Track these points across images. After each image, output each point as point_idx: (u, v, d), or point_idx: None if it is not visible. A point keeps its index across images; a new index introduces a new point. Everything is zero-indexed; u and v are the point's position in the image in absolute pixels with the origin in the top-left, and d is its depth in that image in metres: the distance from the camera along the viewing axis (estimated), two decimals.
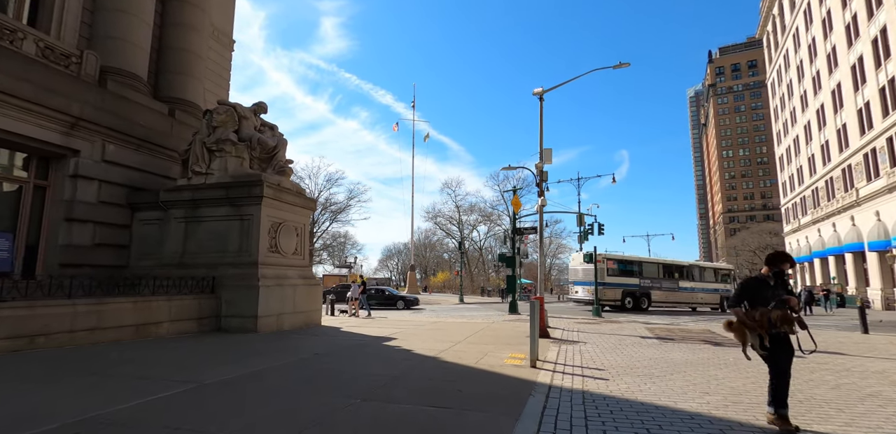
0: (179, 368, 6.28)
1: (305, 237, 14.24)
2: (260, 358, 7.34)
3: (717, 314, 25.89)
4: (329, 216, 59.65)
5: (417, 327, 13.39)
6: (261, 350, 8.33)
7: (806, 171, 50.49)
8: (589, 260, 22.57)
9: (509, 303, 19.88)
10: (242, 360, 7.06)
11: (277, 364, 6.79)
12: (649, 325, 15.65)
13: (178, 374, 5.88)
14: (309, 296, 13.57)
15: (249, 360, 7.18)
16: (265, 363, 6.84)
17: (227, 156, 12.95)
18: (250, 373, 6.08)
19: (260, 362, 6.91)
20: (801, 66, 49.76)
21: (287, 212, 13.31)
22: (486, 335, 11.39)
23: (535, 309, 7.59)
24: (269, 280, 11.87)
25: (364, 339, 10.39)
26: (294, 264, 13.43)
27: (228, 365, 6.63)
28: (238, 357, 7.49)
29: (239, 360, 7.08)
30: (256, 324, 11.20)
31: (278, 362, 6.94)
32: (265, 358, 7.35)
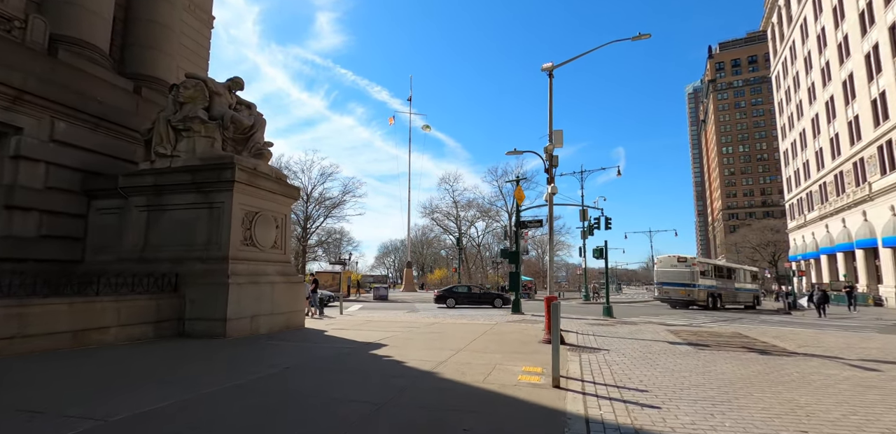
0: (89, 394, 4.75)
1: (287, 229, 12.70)
2: (212, 375, 5.82)
3: (726, 312, 24.57)
4: (323, 211, 58.06)
5: (412, 330, 11.90)
6: (219, 363, 6.81)
7: (813, 166, 49.17)
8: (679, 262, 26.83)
9: (512, 301, 18.43)
10: (187, 380, 5.54)
11: (231, 384, 5.28)
12: (668, 326, 14.20)
13: (82, 403, 4.36)
14: (290, 295, 12.05)
15: (198, 378, 5.66)
16: (216, 383, 5.33)
17: (195, 136, 11.38)
18: (186, 401, 4.56)
19: (210, 382, 5.39)
20: (809, 57, 48.35)
21: (264, 200, 11.76)
22: (490, 340, 9.91)
23: (556, 314, 6.08)
24: (241, 277, 10.34)
25: (349, 345, 8.88)
26: (273, 259, 11.89)
27: (165, 387, 5.11)
28: (185, 374, 5.97)
29: (183, 379, 5.55)
30: (225, 327, 9.68)
31: (233, 382, 5.43)
32: (219, 375, 5.83)
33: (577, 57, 13.42)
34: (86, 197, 11.81)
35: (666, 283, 28.06)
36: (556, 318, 5.96)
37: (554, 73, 12.87)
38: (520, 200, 19.02)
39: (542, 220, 19.17)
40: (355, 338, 10.06)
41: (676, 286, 27.17)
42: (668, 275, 28.31)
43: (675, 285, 27.26)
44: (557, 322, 5.95)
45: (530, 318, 16.87)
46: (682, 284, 26.71)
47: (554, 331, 5.86)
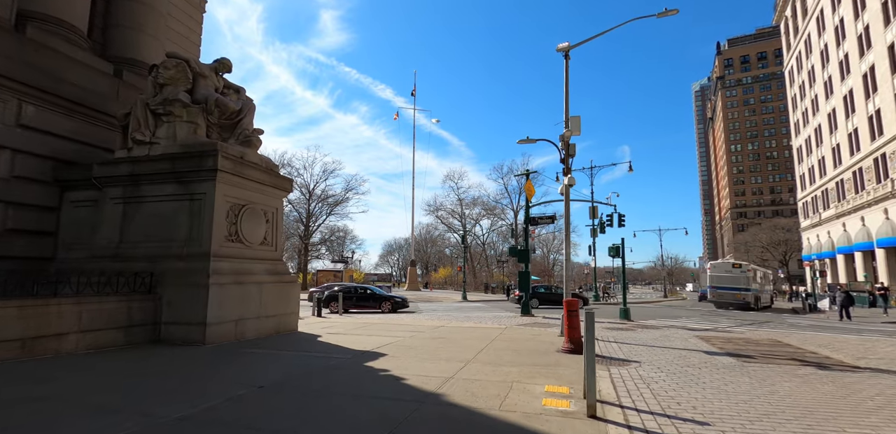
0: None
1: (278, 224, 11.64)
2: (162, 400, 4.74)
3: (734, 314, 23.34)
4: (326, 209, 57.13)
5: (415, 335, 10.82)
6: (181, 380, 5.74)
7: (829, 163, 47.67)
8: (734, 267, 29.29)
9: (521, 303, 17.33)
10: (125, 409, 4.46)
11: (176, 416, 4.19)
12: (694, 331, 13.06)
13: None
14: (281, 296, 11.00)
15: (141, 403, 4.59)
16: (159, 413, 4.25)
17: (176, 121, 10.32)
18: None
19: (151, 411, 4.32)
20: (826, 50, 46.81)
21: (253, 192, 10.70)
22: (502, 348, 8.81)
23: (590, 326, 4.95)
24: (224, 276, 9.28)
25: (342, 355, 7.80)
26: (261, 257, 10.83)
27: (87, 419, 4.04)
28: (130, 397, 4.90)
29: (120, 409, 4.47)
30: (205, 333, 8.62)
31: (182, 411, 4.34)
32: (172, 399, 4.76)
33: (594, 37, 12.27)
34: (58, 188, 10.80)
35: (720, 287, 29.02)
36: (591, 332, 4.83)
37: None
38: (530, 195, 17.89)
39: (553, 216, 18.05)
40: (350, 345, 8.98)
41: (732, 290, 28.59)
42: (723, 279, 29.30)
43: (731, 289, 28.62)
44: (592, 337, 4.82)
45: (542, 320, 15.75)
46: (737, 289, 28.33)
47: (588, 349, 4.73)
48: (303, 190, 56.01)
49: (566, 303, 8.52)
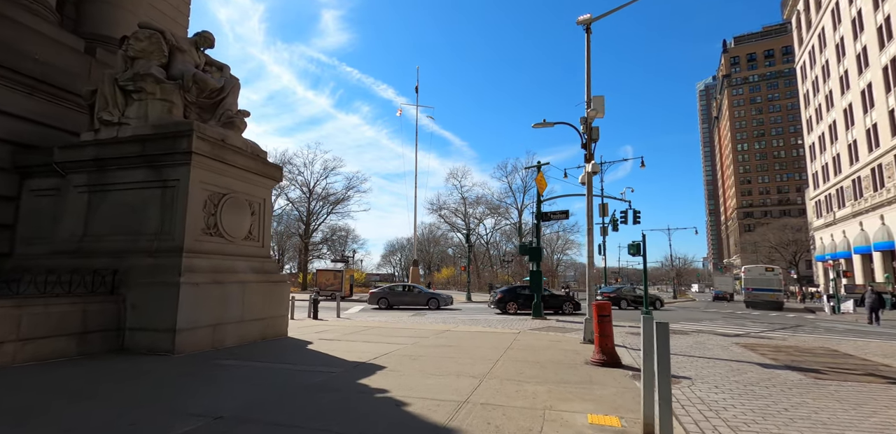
0: None
1: (266, 217, 10.41)
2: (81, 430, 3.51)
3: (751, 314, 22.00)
4: (327, 208, 55.95)
5: (418, 342, 9.57)
6: (120, 405, 4.50)
7: (845, 160, 46.20)
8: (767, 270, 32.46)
9: (533, 305, 16.07)
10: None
11: None
12: (729, 337, 11.78)
13: None
14: (269, 297, 9.77)
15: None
16: None
17: (148, 99, 9.10)
18: None
19: None
20: (842, 43, 45.36)
21: (235, 179, 9.48)
22: (521, 358, 7.56)
23: (664, 344, 3.67)
24: (200, 275, 8.05)
25: (333, 369, 6.56)
26: (245, 253, 9.60)
27: None
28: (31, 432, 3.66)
29: None
30: (174, 340, 7.39)
31: None
32: None
33: (615, 9, 11.00)
34: (18, 175, 9.60)
35: (755, 288, 31.86)
36: (664, 347, 3.55)
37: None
38: (541, 188, 16.63)
39: (567, 212, 16.78)
40: (344, 354, 7.74)
41: (766, 291, 31.54)
42: (757, 282, 32.33)
43: (765, 290, 31.57)
44: (667, 359, 3.55)
45: (556, 324, 14.47)
46: (771, 290, 31.29)
47: (662, 375, 3.46)
48: (303, 188, 54.95)
49: (596, 307, 7.25)
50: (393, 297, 24.78)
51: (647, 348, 4.00)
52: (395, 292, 25.26)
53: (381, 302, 24.55)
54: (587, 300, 9.94)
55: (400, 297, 24.76)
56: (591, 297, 9.92)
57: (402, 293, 24.96)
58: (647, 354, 3.96)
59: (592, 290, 9.97)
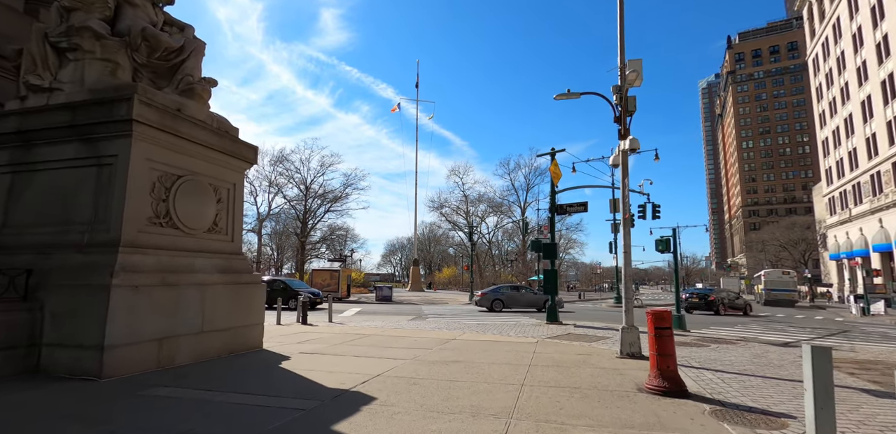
0: None
1: (236, 205, 8.71)
2: None
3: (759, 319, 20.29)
4: (325, 206, 54.22)
5: (419, 356, 7.87)
6: None
7: (862, 154, 44.43)
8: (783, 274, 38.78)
9: (548, 308, 14.35)
10: None
11: None
12: (779, 345, 10.06)
13: None
14: (238, 302, 8.06)
15: None
16: None
17: (86, 58, 7.39)
18: None
19: None
20: (860, 33, 43.57)
21: (196, 159, 7.77)
22: (551, 381, 5.86)
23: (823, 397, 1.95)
24: (143, 275, 6.35)
25: (305, 400, 4.86)
26: (209, 249, 7.89)
27: None
28: None
29: None
30: (101, 360, 5.69)
31: None
32: None
33: None
34: None
35: (775, 289, 36.84)
36: None
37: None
38: (556, 178, 14.91)
39: (585, 204, 15.05)
40: (325, 377, 6.02)
41: (783, 291, 37.09)
42: (776, 283, 37.99)
43: (782, 291, 37.09)
44: None
45: (575, 330, 12.75)
46: (787, 290, 36.97)
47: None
48: (300, 186, 53.21)
49: (653, 315, 5.53)
50: (509, 298, 23.46)
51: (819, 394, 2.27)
52: (510, 294, 24.11)
53: (495, 304, 23.00)
54: (623, 303, 8.21)
55: (516, 299, 23.66)
56: (628, 301, 8.20)
57: (518, 295, 23.96)
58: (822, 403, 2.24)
59: (630, 293, 8.23)
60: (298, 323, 14.68)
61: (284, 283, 24.11)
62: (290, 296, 22.50)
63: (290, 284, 24.37)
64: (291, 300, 22.30)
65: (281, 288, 23.23)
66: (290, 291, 22.95)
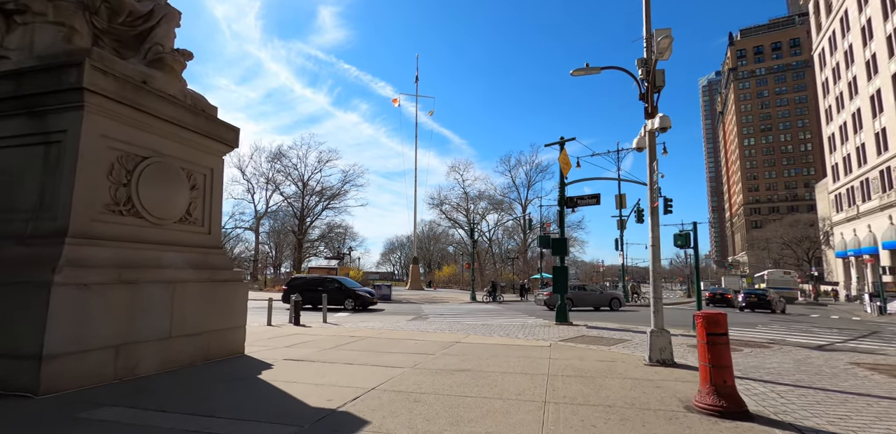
0: None
1: (214, 193, 7.74)
2: None
3: None
4: (323, 203, 53.25)
5: (419, 364, 6.93)
6: None
7: (871, 150, 43.53)
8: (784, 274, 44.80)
9: (557, 307, 13.40)
10: None
11: None
12: (812, 348, 9.14)
13: None
14: (215, 302, 7.10)
15: None
16: None
17: (36, 22, 6.41)
18: None
19: None
20: (869, 25, 42.62)
21: (165, 139, 6.80)
22: (578, 398, 4.94)
23: None
24: (94, 271, 5.39)
25: (281, 425, 3.90)
26: (180, 241, 6.93)
27: None
28: None
29: None
30: (39, 372, 4.73)
31: None
32: None
33: None
34: None
35: (776, 287, 38.48)
36: None
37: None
38: (565, 169, 13.94)
39: (598, 196, 14.08)
40: (309, 392, 5.07)
41: (784, 289, 39.61)
42: (778, 282, 42.56)
43: (784, 289, 39.63)
44: None
45: (588, 331, 11.81)
46: (787, 288, 39.87)
47: None
48: (298, 183, 52.24)
49: (705, 319, 4.58)
50: (577, 297, 23.32)
51: None
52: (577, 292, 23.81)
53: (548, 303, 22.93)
54: (652, 303, 7.26)
55: (583, 298, 23.59)
56: (657, 301, 7.24)
57: (584, 294, 24.20)
58: None
59: (659, 292, 7.28)
60: (290, 324, 13.74)
61: (339, 282, 22.24)
62: (346, 295, 21.07)
63: (345, 283, 22.55)
64: (348, 300, 20.92)
65: (335, 287, 21.46)
66: (346, 290, 21.35)
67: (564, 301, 13.65)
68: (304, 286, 21.45)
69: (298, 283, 22.37)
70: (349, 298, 20.98)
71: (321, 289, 20.71)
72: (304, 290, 20.74)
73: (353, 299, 20.96)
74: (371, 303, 21.62)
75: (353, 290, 21.40)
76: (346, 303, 20.85)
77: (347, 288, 21.65)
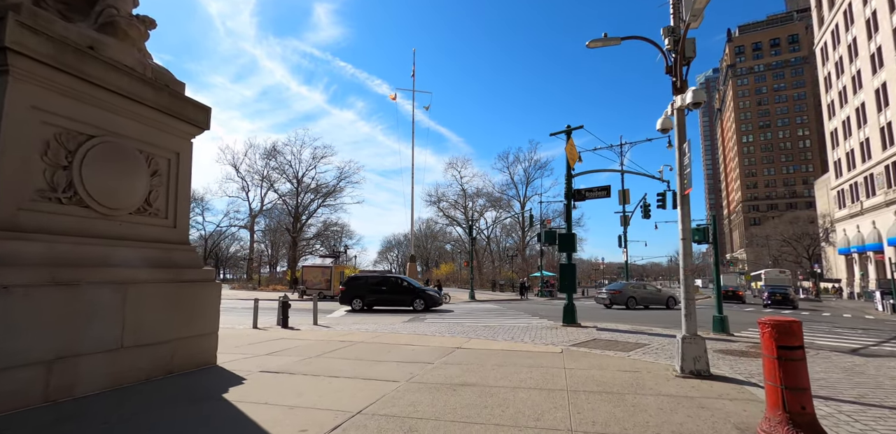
0: None
1: (181, 180, 6.75)
2: None
3: None
4: (318, 200, 52.20)
5: (416, 374, 6.00)
6: None
7: (875, 145, 42.82)
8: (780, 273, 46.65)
9: (564, 308, 12.49)
10: None
11: None
12: (846, 352, 8.26)
13: None
14: (179, 306, 6.14)
15: None
16: None
17: None
18: None
19: None
20: (874, 17, 41.83)
21: (118, 115, 5.82)
22: (609, 420, 4.05)
23: None
24: (18, 270, 4.42)
25: None
26: (136, 236, 5.95)
27: None
28: None
29: None
30: None
31: None
32: None
33: None
34: None
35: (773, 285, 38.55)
36: None
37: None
38: (573, 159, 13.01)
39: (608, 188, 13.13)
40: (278, 420, 4.12)
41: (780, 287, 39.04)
42: (775, 280, 43.95)
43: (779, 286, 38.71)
44: None
45: (599, 334, 10.90)
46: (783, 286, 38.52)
47: None
48: (293, 180, 51.18)
49: (774, 327, 3.64)
50: (641, 296, 23.30)
51: None
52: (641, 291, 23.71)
53: (630, 301, 23.16)
54: (683, 305, 6.33)
55: (645, 297, 23.44)
56: (689, 302, 6.32)
57: (646, 292, 24.21)
58: None
59: (691, 293, 6.34)
60: (278, 326, 12.80)
61: (406, 281, 20.89)
62: (416, 295, 19.65)
63: (412, 282, 21.18)
64: (417, 300, 19.44)
65: (404, 286, 20.06)
66: (415, 290, 19.93)
67: (572, 300, 12.72)
68: (366, 286, 19.93)
69: (358, 283, 20.38)
70: (419, 299, 19.49)
71: (385, 288, 19.49)
72: (367, 290, 19.51)
73: (422, 300, 19.45)
74: (438, 304, 20.31)
75: (423, 290, 20.07)
76: (415, 303, 19.32)
77: (416, 287, 20.26)
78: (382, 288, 19.71)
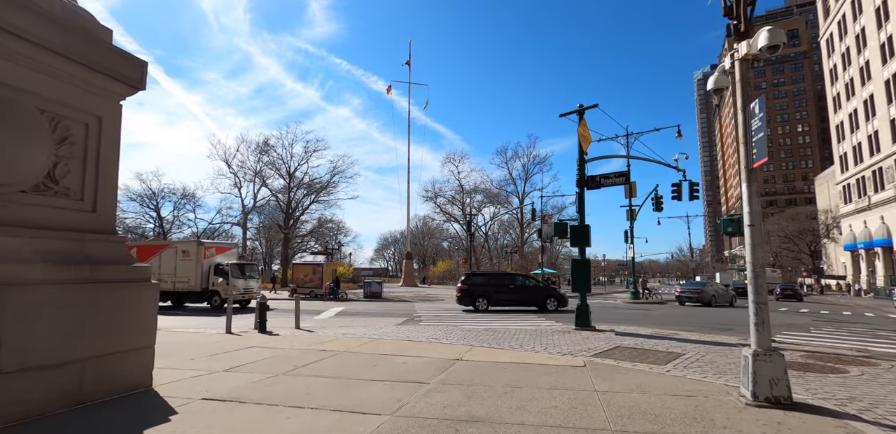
0: None
1: (103, 152, 5.26)
2: None
3: None
4: (311, 196, 50.59)
5: (406, 401, 4.60)
6: None
7: (885, 137, 41.59)
8: None
9: (577, 309, 11.07)
10: None
11: None
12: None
13: None
14: (94, 314, 4.66)
15: None
16: None
17: None
18: None
19: None
20: (885, 6, 40.51)
21: (10, 62, 4.32)
22: None
23: None
24: None
25: None
26: (26, 221, 4.46)
27: None
28: None
29: None
30: None
31: None
32: None
33: None
34: None
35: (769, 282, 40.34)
36: None
37: None
38: (585, 143, 11.59)
39: (626, 174, 11.66)
40: None
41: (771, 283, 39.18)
42: (770, 278, 40.33)
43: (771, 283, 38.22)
44: None
45: (620, 340, 9.49)
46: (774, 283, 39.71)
47: None
48: (285, 176, 49.55)
49: None
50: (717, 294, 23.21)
51: None
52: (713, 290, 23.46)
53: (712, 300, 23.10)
54: (753, 312, 4.91)
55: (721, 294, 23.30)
56: (760, 308, 4.90)
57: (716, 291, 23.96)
58: None
59: (764, 296, 4.92)
60: (255, 331, 11.36)
61: (533, 279, 19.30)
62: (548, 294, 18.15)
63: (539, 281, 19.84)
64: (549, 300, 17.85)
65: (532, 285, 18.69)
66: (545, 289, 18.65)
67: (585, 301, 11.31)
68: (488, 285, 18.56)
69: (478, 281, 18.93)
70: (551, 298, 18.01)
71: (512, 286, 18.16)
72: (489, 289, 18.18)
73: (555, 298, 17.96)
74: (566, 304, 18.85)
75: (554, 289, 18.79)
76: (547, 303, 17.82)
77: (546, 286, 19.07)
78: (510, 286, 18.45)
